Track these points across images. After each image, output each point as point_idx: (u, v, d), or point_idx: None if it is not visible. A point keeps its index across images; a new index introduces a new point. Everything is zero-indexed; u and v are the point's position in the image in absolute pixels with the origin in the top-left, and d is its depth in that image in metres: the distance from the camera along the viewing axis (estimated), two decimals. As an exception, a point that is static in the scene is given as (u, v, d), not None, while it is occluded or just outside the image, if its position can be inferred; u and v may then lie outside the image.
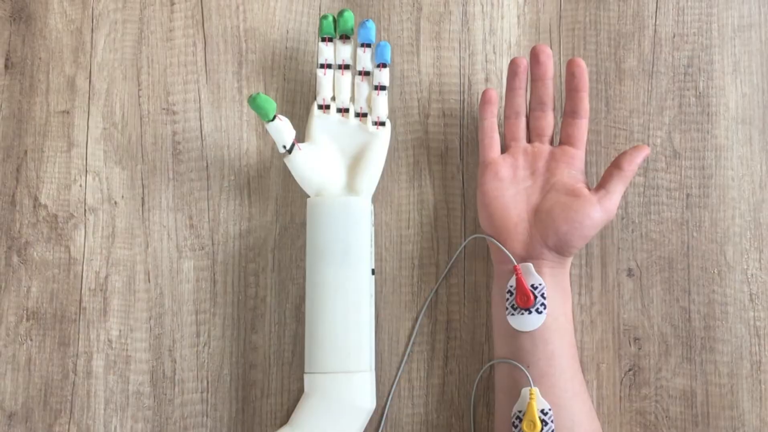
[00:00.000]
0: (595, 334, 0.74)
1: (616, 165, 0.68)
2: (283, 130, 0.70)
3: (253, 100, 0.68)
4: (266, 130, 0.78)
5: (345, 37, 0.74)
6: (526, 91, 0.73)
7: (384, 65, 0.73)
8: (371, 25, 0.73)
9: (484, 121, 0.72)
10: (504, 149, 0.73)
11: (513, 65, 0.72)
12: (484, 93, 0.72)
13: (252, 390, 0.75)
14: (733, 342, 0.73)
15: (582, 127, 0.71)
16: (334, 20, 0.73)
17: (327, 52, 0.74)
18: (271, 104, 0.68)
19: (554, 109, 0.73)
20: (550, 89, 0.72)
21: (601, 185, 0.68)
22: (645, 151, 0.69)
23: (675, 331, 0.74)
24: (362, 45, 0.74)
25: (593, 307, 0.74)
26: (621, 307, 0.74)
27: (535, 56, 0.71)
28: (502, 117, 0.74)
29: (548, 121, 0.72)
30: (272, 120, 0.69)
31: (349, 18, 0.73)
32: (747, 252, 0.74)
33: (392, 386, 0.74)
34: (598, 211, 0.67)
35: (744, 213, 0.75)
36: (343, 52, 0.74)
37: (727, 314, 0.74)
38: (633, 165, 0.68)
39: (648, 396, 0.73)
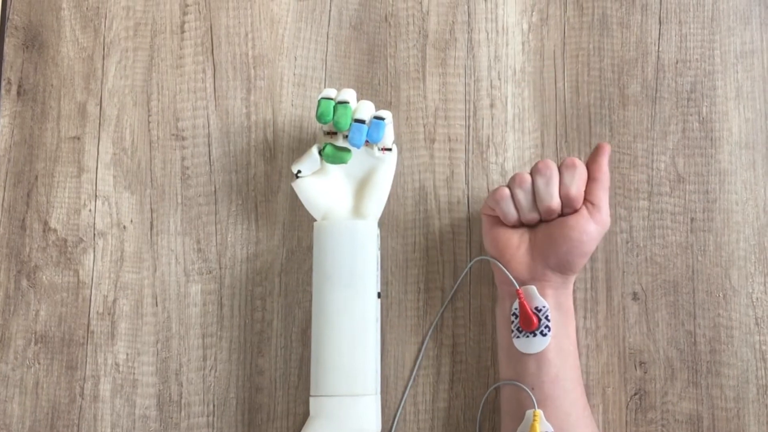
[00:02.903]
0: (601, 358, 0.74)
1: (589, 177, 0.68)
2: (316, 161, 0.73)
3: (346, 156, 0.72)
4: (274, 155, 0.79)
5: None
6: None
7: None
8: (364, 128, 0.72)
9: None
10: None
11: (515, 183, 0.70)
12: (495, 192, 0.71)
13: (258, 414, 0.75)
14: (739, 366, 0.73)
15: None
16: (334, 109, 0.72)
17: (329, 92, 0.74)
18: (347, 156, 0.73)
19: None
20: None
21: (586, 200, 0.68)
22: (606, 149, 0.69)
23: (681, 355, 0.74)
24: (357, 120, 0.72)
25: (598, 330, 0.74)
26: (626, 331, 0.74)
27: (537, 171, 0.69)
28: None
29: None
30: (320, 153, 0.73)
31: (346, 118, 0.72)
32: (752, 276, 0.75)
33: (398, 410, 0.74)
34: (592, 224, 0.67)
35: (748, 237, 0.75)
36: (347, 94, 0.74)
37: (732, 338, 0.74)
38: (603, 169, 0.68)
39: (654, 420, 0.73)
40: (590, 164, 0.69)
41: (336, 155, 0.72)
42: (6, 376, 0.77)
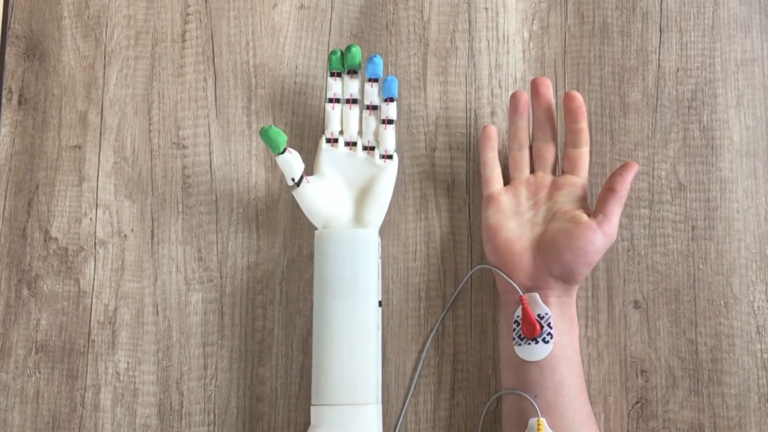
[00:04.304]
0: (602, 367, 0.74)
1: (608, 188, 0.69)
2: (292, 163, 0.71)
3: (264, 133, 0.69)
4: (275, 163, 0.79)
5: (353, 72, 0.75)
6: (529, 123, 0.74)
7: (391, 99, 0.74)
8: (378, 60, 0.74)
9: (485, 155, 0.73)
10: (507, 181, 0.74)
11: (514, 99, 0.73)
12: (484, 129, 0.73)
13: (259, 423, 0.75)
14: (740, 374, 0.73)
15: (583, 156, 0.71)
16: (342, 55, 0.75)
17: (335, 86, 0.75)
18: (282, 137, 0.69)
19: (557, 140, 0.73)
20: (551, 120, 0.73)
21: (598, 210, 0.68)
22: (634, 168, 0.69)
23: (682, 364, 0.74)
24: (370, 80, 0.75)
25: (600, 339, 0.74)
26: (628, 339, 0.74)
27: (535, 88, 0.72)
28: (506, 149, 0.75)
29: (551, 152, 0.73)
30: (282, 153, 0.70)
31: (357, 53, 0.74)
32: (753, 284, 0.74)
33: (399, 419, 0.74)
34: (600, 236, 0.67)
35: (750, 245, 0.75)
36: (351, 86, 0.75)
37: (734, 346, 0.74)
38: (625, 185, 0.68)
39: (656, 429, 0.73)
40: (615, 176, 0.69)
41: (270, 137, 0.70)
42: (6, 385, 0.77)
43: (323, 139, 0.76)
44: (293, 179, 0.72)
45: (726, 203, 0.76)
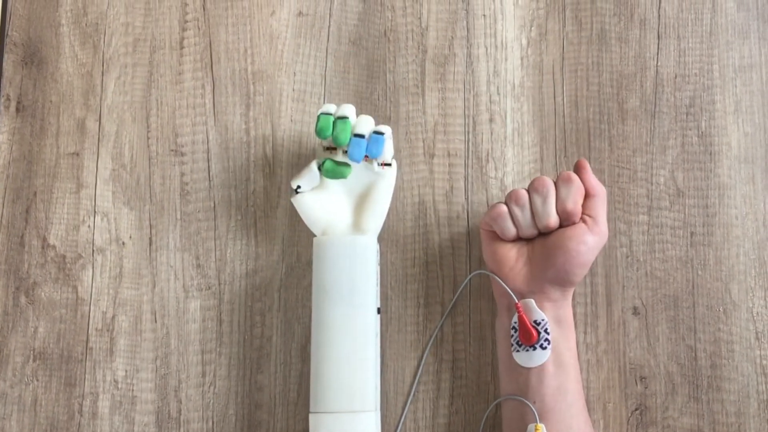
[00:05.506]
0: (601, 373, 0.74)
1: (585, 195, 0.69)
2: (316, 177, 0.72)
3: (327, 171, 0.73)
4: (273, 170, 0.79)
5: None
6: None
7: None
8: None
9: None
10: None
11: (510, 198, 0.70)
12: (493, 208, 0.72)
13: (257, 430, 0.75)
14: (739, 381, 0.73)
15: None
16: (334, 125, 0.72)
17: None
18: (345, 167, 0.73)
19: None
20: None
21: (584, 212, 0.69)
22: (585, 165, 0.69)
23: (681, 370, 0.73)
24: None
25: (599, 345, 0.74)
26: (627, 346, 0.74)
27: (534, 189, 0.70)
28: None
29: None
30: (320, 168, 0.73)
31: (347, 130, 0.72)
32: (752, 290, 0.74)
33: (398, 426, 0.74)
34: (590, 235, 0.67)
35: (748, 251, 0.75)
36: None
37: (733, 353, 0.73)
38: (593, 183, 0.69)
39: (655, 436, 0.73)
40: (584, 183, 0.69)
41: (335, 170, 0.72)
42: (4, 393, 0.77)
43: (321, 147, 0.76)
44: (299, 186, 0.72)
45: (724, 209, 0.76)
